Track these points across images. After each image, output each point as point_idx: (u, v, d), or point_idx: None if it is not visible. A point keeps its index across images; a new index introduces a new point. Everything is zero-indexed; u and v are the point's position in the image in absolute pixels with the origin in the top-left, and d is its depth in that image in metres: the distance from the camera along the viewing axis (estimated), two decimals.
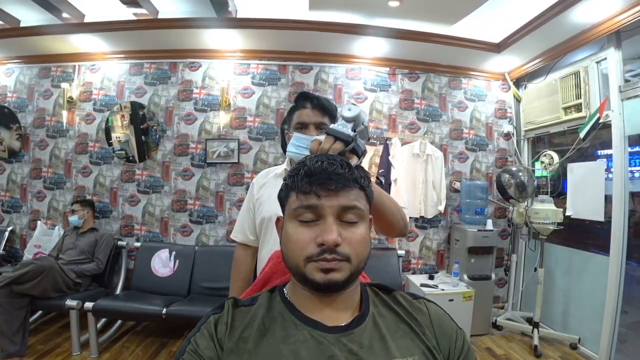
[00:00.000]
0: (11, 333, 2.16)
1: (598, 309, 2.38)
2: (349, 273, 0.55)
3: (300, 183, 0.58)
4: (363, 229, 0.58)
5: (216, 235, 3.12)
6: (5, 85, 3.27)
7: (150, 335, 2.67)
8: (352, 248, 0.56)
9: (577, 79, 2.59)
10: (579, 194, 2.64)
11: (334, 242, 0.54)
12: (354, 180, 0.59)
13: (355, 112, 0.67)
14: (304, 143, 1.14)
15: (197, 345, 0.54)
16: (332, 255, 0.54)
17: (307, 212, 0.57)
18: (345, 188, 0.57)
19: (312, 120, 1.12)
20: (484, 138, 3.32)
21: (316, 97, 1.15)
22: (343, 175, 0.57)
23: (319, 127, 1.12)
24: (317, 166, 0.58)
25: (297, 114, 1.14)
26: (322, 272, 0.54)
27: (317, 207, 0.56)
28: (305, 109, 1.13)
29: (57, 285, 2.39)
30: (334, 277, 0.55)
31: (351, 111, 0.66)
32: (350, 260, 0.56)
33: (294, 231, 0.58)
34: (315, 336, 0.55)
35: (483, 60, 3.06)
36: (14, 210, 3.24)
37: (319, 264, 0.55)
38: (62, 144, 3.19)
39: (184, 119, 3.13)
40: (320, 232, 0.55)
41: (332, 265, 0.54)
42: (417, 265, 3.22)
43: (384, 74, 3.21)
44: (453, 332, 0.62)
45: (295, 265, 0.57)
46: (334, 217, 0.56)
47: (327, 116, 1.14)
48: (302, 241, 0.56)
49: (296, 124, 1.13)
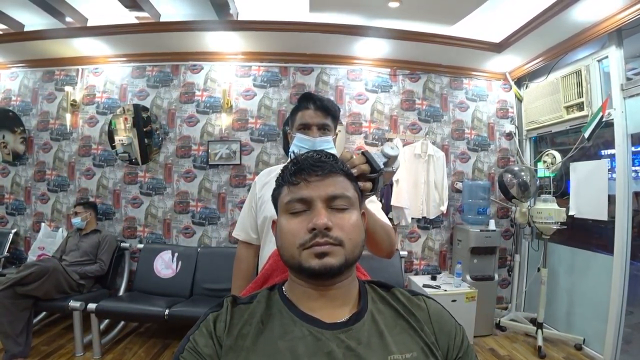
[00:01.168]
0: (15, 334, 2.17)
1: (602, 309, 2.36)
2: (343, 258, 0.56)
3: (289, 176, 0.60)
4: (354, 216, 0.60)
5: (218, 236, 3.13)
6: (10, 89, 3.30)
7: (153, 337, 2.68)
8: (344, 233, 0.57)
9: (578, 78, 2.58)
10: (582, 194, 2.62)
11: (324, 225, 0.55)
12: (340, 169, 0.62)
13: (395, 153, 0.70)
14: (307, 144, 1.14)
15: (196, 343, 0.55)
16: (325, 238, 0.56)
17: (298, 204, 0.59)
18: (331, 175, 0.60)
19: (315, 121, 1.11)
20: (485, 138, 3.31)
21: (319, 98, 1.14)
22: (328, 162, 0.61)
23: (321, 128, 1.12)
24: (303, 158, 0.61)
25: (299, 115, 1.14)
26: (316, 257, 0.56)
27: (306, 197, 0.58)
28: (308, 110, 1.12)
29: (60, 287, 2.41)
30: (328, 261, 0.55)
31: (393, 151, 0.70)
32: (344, 245, 0.57)
33: (286, 223, 0.59)
34: (313, 332, 0.55)
35: (484, 60, 3.05)
36: (18, 212, 3.27)
37: (312, 249, 0.56)
38: (65, 147, 3.22)
39: (186, 121, 3.15)
40: (310, 219, 0.57)
41: (326, 249, 0.55)
42: (419, 266, 3.21)
43: (384, 74, 3.22)
44: (452, 329, 0.62)
45: (291, 256, 0.58)
46: (323, 204, 0.58)
47: (330, 117, 1.13)
48: (294, 230, 0.58)
49: (299, 125, 1.13)
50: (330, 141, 1.13)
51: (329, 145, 1.11)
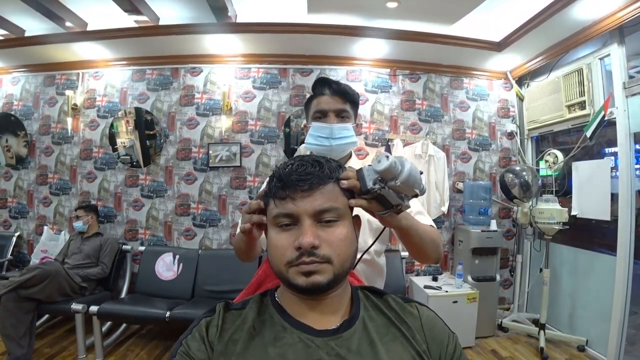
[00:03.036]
0: (18, 337, 2.19)
1: (606, 310, 2.34)
2: (332, 275, 0.55)
3: (275, 190, 0.58)
4: (343, 228, 0.58)
5: (219, 238, 3.13)
6: (12, 94, 3.33)
7: (155, 339, 2.69)
8: (332, 249, 0.56)
9: (580, 76, 2.56)
10: (585, 193, 2.60)
11: (310, 245, 0.54)
12: (327, 177, 0.59)
13: (382, 166, 0.60)
14: (324, 132, 1.00)
15: (188, 347, 0.55)
16: (311, 258, 0.54)
17: (285, 218, 0.57)
18: (319, 187, 0.57)
19: (332, 107, 1.01)
20: (486, 138, 3.29)
21: (336, 82, 1.04)
22: (313, 174, 0.57)
23: (339, 114, 1.01)
24: (287, 170, 0.58)
25: (315, 103, 1.04)
26: (303, 275, 0.55)
27: (292, 213, 0.56)
28: (323, 96, 1.02)
29: (62, 290, 2.42)
30: (316, 279, 0.55)
31: (380, 164, 0.60)
32: (332, 262, 0.55)
33: (274, 237, 0.58)
34: (303, 339, 0.55)
35: (484, 59, 3.03)
36: (21, 215, 3.30)
37: (299, 267, 0.55)
38: (67, 150, 3.24)
39: (186, 124, 3.16)
40: (297, 236, 0.55)
41: (312, 267, 0.54)
42: (420, 267, 3.20)
43: (384, 75, 3.21)
44: (445, 337, 0.61)
45: (279, 271, 0.58)
46: (311, 220, 0.56)
47: (349, 103, 1.03)
48: (282, 247, 0.57)
49: (314, 112, 1.03)
50: (349, 128, 1.03)
51: (348, 133, 1.03)
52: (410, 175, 0.61)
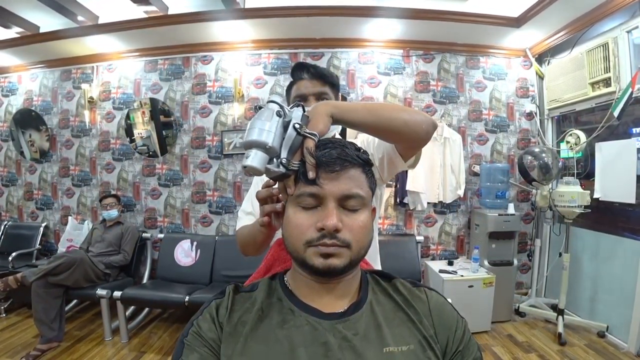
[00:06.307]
0: (49, 320, 2.33)
1: (628, 295, 2.27)
2: (348, 260, 0.56)
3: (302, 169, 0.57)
4: (364, 217, 0.58)
5: (235, 225, 3.18)
6: (31, 90, 3.44)
7: (176, 322, 2.80)
8: (353, 235, 0.56)
9: (605, 52, 2.41)
10: (609, 175, 2.49)
11: (334, 227, 0.54)
12: (359, 159, 0.58)
13: (245, 140, 0.55)
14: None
15: (199, 327, 0.57)
16: (332, 240, 0.54)
17: (309, 198, 0.57)
18: (349, 169, 0.57)
19: (311, 91, 1.01)
20: (504, 119, 3.18)
21: (313, 65, 1.04)
22: (349, 155, 0.57)
23: (320, 98, 1.01)
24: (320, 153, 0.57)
25: (294, 88, 1.04)
26: (321, 257, 0.55)
27: (319, 194, 0.56)
28: (302, 80, 1.02)
29: (88, 276, 2.54)
30: (333, 262, 0.55)
31: (247, 159, 0.55)
32: (350, 247, 0.56)
33: (295, 216, 0.58)
34: (311, 322, 0.56)
35: (502, 36, 2.90)
36: (47, 207, 3.45)
37: (318, 248, 0.55)
38: (86, 143, 3.34)
39: (199, 112, 3.19)
40: (320, 217, 0.55)
41: (332, 250, 0.54)
42: (436, 251, 3.18)
43: (397, 56, 3.12)
44: (453, 322, 0.61)
45: (295, 250, 0.57)
46: (335, 203, 0.56)
47: (328, 85, 1.03)
48: (302, 226, 0.56)
49: (294, 97, 1.03)
50: None
51: None
52: (250, 131, 0.56)
